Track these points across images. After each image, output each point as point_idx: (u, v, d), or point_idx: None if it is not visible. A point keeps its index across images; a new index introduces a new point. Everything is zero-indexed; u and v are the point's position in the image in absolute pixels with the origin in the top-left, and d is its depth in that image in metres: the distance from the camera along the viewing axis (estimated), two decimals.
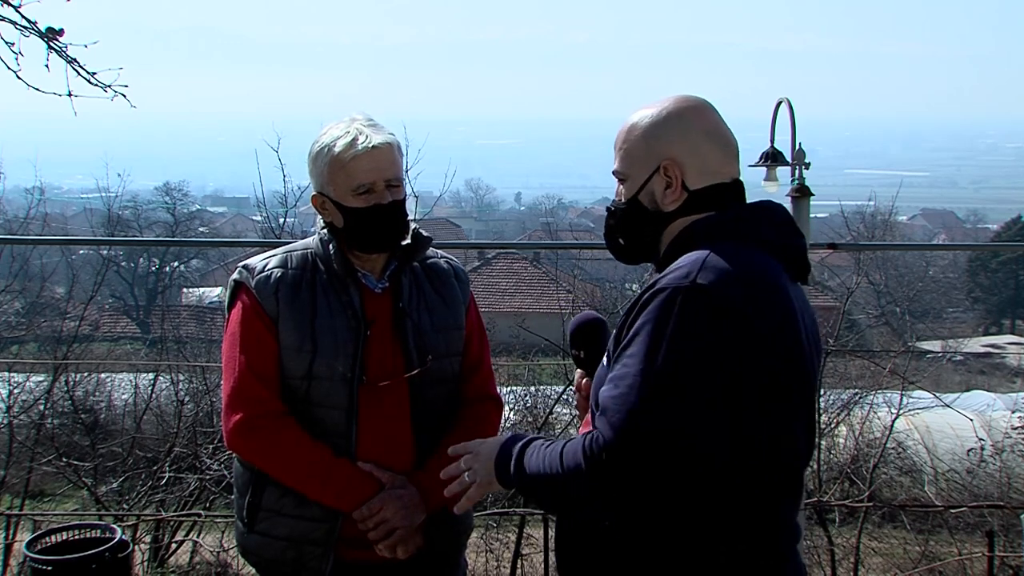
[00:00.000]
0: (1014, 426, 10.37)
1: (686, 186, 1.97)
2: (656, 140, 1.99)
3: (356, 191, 2.40)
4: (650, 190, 2.00)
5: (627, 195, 2.04)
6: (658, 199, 1.99)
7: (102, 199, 22.16)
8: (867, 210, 22.64)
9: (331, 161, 2.40)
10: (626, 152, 2.03)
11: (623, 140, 2.04)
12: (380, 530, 2.37)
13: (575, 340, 2.29)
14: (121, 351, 20.53)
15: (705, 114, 2.02)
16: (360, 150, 2.38)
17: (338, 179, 2.41)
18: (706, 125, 2.00)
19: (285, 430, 2.39)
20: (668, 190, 1.98)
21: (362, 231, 2.44)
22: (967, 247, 59.04)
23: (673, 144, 1.98)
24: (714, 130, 2.01)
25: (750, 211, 1.99)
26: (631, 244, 2.08)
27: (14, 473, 9.26)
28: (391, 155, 2.42)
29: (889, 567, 8.06)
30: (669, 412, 1.76)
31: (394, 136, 2.45)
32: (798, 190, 3.87)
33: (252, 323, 2.43)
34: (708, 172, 1.98)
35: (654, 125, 2.00)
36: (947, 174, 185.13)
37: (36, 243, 12.15)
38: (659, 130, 1.99)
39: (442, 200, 10.99)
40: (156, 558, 7.88)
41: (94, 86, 4.65)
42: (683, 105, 2.02)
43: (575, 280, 14.54)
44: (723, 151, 2.01)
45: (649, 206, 2.01)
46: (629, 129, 2.03)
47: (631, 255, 2.10)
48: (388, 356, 2.46)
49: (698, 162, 1.98)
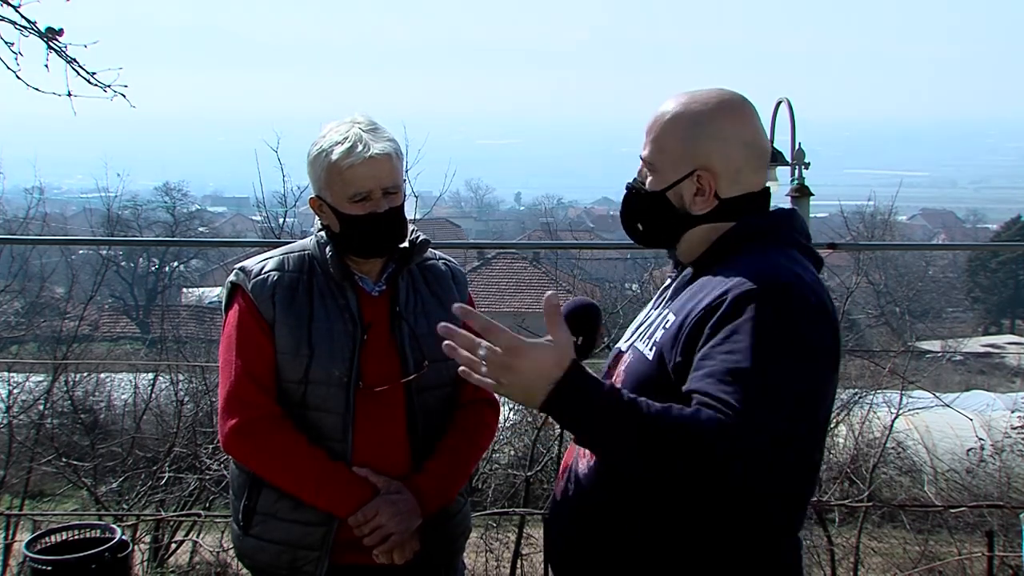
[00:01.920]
0: (1014, 426, 10.37)
1: (718, 194, 1.94)
2: (694, 145, 1.93)
3: (352, 199, 2.38)
4: (679, 191, 1.96)
5: (654, 187, 1.99)
6: (686, 202, 1.96)
7: (102, 199, 22.18)
8: (867, 210, 22.60)
9: (328, 167, 2.38)
10: (660, 146, 1.97)
11: (658, 131, 1.97)
12: (375, 536, 2.35)
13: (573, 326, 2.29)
14: (121, 351, 20.52)
15: (746, 121, 1.96)
16: (357, 159, 2.35)
17: (335, 185, 2.39)
18: (746, 135, 1.95)
19: (281, 434, 2.38)
20: (699, 196, 1.95)
21: (357, 238, 2.42)
22: (967, 247, 58.98)
23: (711, 154, 1.93)
24: (753, 139, 1.96)
25: (785, 216, 2.00)
26: (650, 232, 2.05)
27: (14, 473, 9.26)
28: (389, 163, 2.39)
29: (889, 567, 8.07)
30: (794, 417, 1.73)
31: (394, 142, 2.42)
32: (798, 190, 3.87)
33: (248, 326, 2.42)
34: (741, 182, 1.95)
35: (694, 128, 1.94)
36: (947, 174, 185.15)
37: (36, 243, 12.16)
38: (699, 135, 1.93)
39: (442, 200, 10.96)
40: (156, 558, 7.88)
41: (94, 86, 4.66)
42: (726, 110, 1.95)
43: (575, 280, 14.51)
44: (758, 160, 1.97)
45: (676, 204, 1.97)
46: (667, 122, 1.97)
47: (647, 241, 2.07)
48: (385, 360, 2.44)
49: (733, 172, 1.94)
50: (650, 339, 1.94)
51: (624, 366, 1.99)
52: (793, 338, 1.76)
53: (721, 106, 1.95)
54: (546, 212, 35.00)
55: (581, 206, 78.80)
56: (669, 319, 1.91)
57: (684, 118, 1.95)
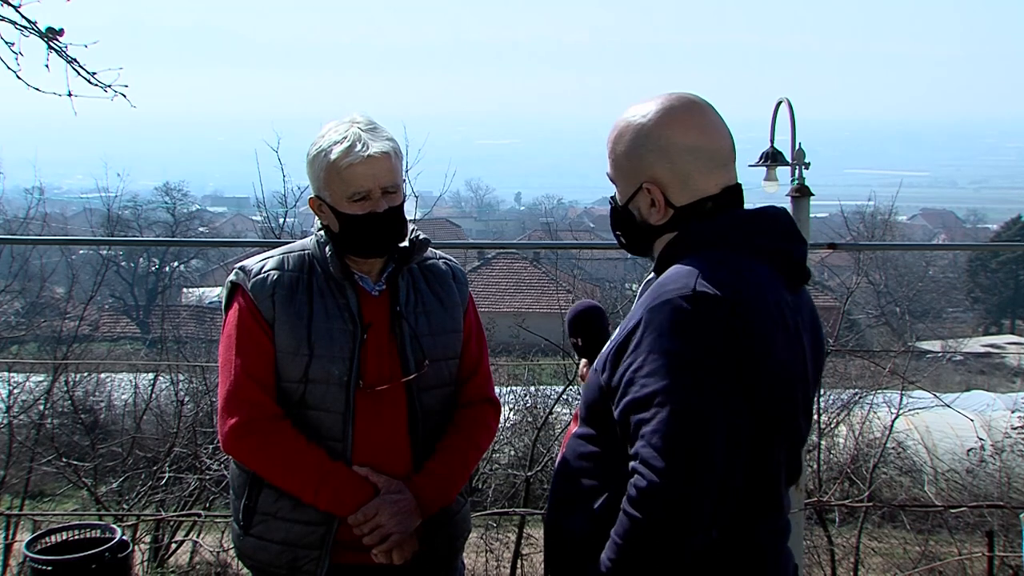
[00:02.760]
0: (1014, 426, 10.37)
1: (671, 203, 1.95)
2: (637, 159, 1.95)
3: (352, 198, 2.38)
4: (636, 204, 1.99)
5: (619, 200, 2.03)
6: (644, 214, 1.98)
7: (102, 199, 22.16)
8: (867, 210, 22.59)
9: (327, 167, 2.38)
10: (612, 161, 2.01)
11: (610, 147, 2.01)
12: (375, 535, 2.35)
13: (573, 328, 2.31)
14: (121, 351, 20.54)
15: (689, 126, 1.94)
16: (356, 158, 2.35)
17: (334, 185, 2.39)
18: (689, 140, 1.93)
19: (280, 434, 2.37)
20: (652, 208, 1.96)
21: (357, 238, 2.42)
22: (967, 247, 59.03)
23: (653, 165, 1.94)
24: (697, 145, 1.93)
25: (740, 219, 1.95)
26: (629, 242, 2.08)
27: (14, 473, 9.25)
28: (388, 163, 2.39)
29: (889, 567, 8.07)
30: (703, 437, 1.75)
31: (393, 141, 2.42)
32: (798, 190, 3.86)
33: (248, 326, 2.41)
34: (692, 189, 1.94)
35: (635, 141, 1.95)
36: (947, 174, 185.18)
37: (36, 243, 12.14)
38: (640, 148, 1.94)
39: (442, 200, 10.98)
40: (156, 558, 7.88)
41: (94, 86, 4.65)
42: (665, 118, 1.94)
43: (575, 280, 14.53)
44: (707, 164, 1.94)
45: (637, 217, 2.00)
46: (615, 137, 2.00)
47: (631, 250, 2.11)
48: (385, 360, 2.44)
49: (680, 180, 1.94)
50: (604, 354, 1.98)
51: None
52: (671, 355, 1.77)
53: (660, 115, 1.95)
54: (546, 212, 35.02)
55: (581, 206, 78.79)
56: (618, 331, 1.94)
57: (628, 132, 1.97)
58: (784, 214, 2.01)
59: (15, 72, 4.58)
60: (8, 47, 4.51)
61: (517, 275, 32.25)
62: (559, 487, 2.03)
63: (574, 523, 1.95)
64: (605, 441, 1.93)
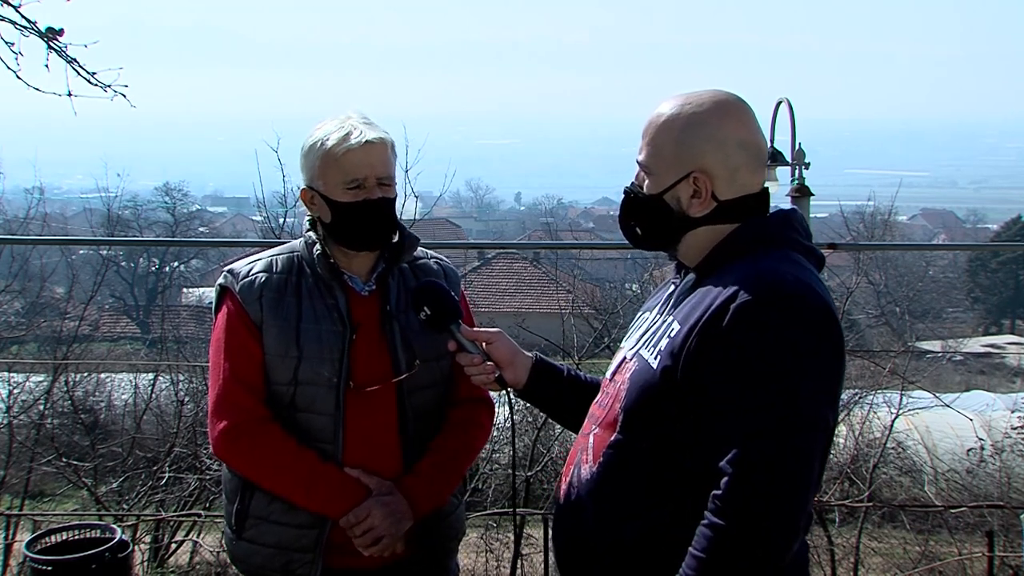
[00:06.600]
0: (1014, 426, 10.37)
1: (715, 196, 1.93)
2: (689, 147, 1.93)
3: (347, 185, 2.37)
4: (676, 194, 1.96)
5: (651, 190, 1.99)
6: (684, 205, 1.96)
7: (102, 199, 22.17)
8: (867, 210, 22.57)
9: (323, 155, 2.37)
10: (655, 148, 1.97)
11: (653, 134, 1.98)
12: (366, 537, 2.34)
13: (416, 300, 2.35)
14: (121, 351, 20.52)
15: (742, 121, 1.95)
16: (353, 144, 2.35)
17: (329, 172, 2.38)
18: (742, 135, 1.94)
19: (270, 437, 2.36)
20: (695, 199, 1.94)
21: (349, 227, 2.40)
22: (967, 247, 58.97)
23: (707, 155, 1.92)
24: (749, 139, 1.95)
25: (790, 218, 1.98)
26: (648, 235, 2.04)
27: (14, 473, 9.25)
28: (384, 152, 2.40)
29: (889, 567, 8.07)
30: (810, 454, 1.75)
31: (388, 135, 2.43)
32: (798, 190, 3.86)
33: (236, 329, 2.40)
34: (738, 184, 1.94)
35: (688, 129, 1.93)
36: (947, 174, 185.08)
37: (36, 243, 12.14)
38: (693, 137, 1.93)
39: (442, 200, 10.96)
40: (156, 558, 7.88)
41: (94, 86, 4.66)
42: (721, 111, 1.94)
43: (575, 280, 14.49)
44: (754, 161, 1.96)
45: (674, 207, 1.97)
46: (662, 125, 1.97)
47: (646, 244, 2.07)
48: (375, 360, 2.42)
49: (730, 173, 1.93)
50: (655, 347, 1.93)
51: (629, 374, 1.98)
52: (800, 348, 1.75)
53: (716, 107, 1.94)
54: (546, 212, 35.04)
55: (581, 206, 78.84)
56: (674, 328, 1.90)
57: (679, 120, 1.95)
58: (800, 213, 2.04)
59: (15, 72, 4.58)
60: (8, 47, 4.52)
61: (517, 275, 32.22)
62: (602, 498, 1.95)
63: (625, 533, 1.90)
64: (648, 447, 1.89)
